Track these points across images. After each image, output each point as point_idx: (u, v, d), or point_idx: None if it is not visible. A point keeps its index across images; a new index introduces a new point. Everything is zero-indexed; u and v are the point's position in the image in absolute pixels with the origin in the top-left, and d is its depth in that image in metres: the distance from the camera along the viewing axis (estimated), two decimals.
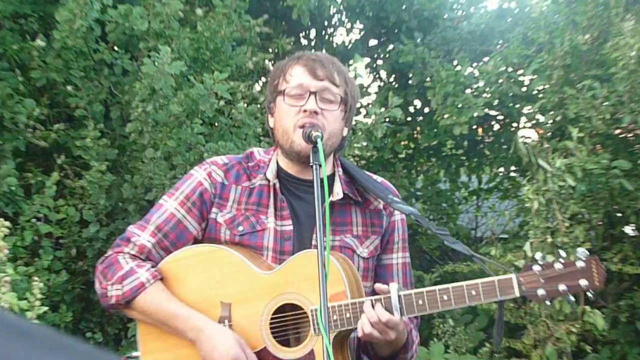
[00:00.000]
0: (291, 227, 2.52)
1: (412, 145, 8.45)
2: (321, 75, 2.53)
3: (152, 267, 2.51)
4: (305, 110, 2.48)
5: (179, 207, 2.57)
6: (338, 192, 2.59)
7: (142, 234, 2.55)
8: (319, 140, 2.36)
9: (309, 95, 2.50)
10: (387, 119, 5.71)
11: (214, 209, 2.56)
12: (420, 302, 2.31)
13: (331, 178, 2.61)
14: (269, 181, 2.57)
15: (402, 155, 8.29)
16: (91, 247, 5.53)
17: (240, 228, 2.53)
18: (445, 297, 2.28)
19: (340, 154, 2.71)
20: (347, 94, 2.59)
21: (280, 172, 2.60)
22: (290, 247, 2.50)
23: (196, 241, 2.57)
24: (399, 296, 2.32)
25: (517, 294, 2.27)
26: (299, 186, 2.59)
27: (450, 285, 2.29)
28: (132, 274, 2.47)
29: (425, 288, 2.31)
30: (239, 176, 2.61)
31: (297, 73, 2.54)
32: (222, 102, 5.51)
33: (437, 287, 2.29)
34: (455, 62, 7.34)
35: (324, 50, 8.19)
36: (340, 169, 2.67)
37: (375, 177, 2.74)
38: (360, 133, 5.73)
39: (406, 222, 2.73)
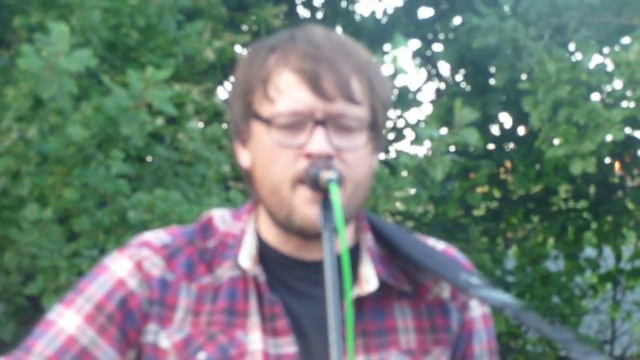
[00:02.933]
0: (294, 349, 2.49)
1: (498, 194, 8.46)
2: (329, 89, 2.49)
3: None
4: (309, 155, 2.46)
5: (85, 326, 2.54)
6: (369, 279, 2.56)
7: None
8: (332, 186, 2.34)
9: (315, 127, 2.48)
10: (453, 148, 5.70)
11: (150, 326, 2.53)
12: None
13: (353, 253, 2.57)
14: (244, 272, 2.55)
15: (481, 212, 8.29)
16: None
17: (202, 356, 2.50)
18: None
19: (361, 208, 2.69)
20: (374, 109, 2.56)
21: (264, 253, 2.58)
22: None
23: None
24: None
25: None
26: (300, 274, 2.56)
27: None
28: None
29: None
30: (192, 266, 2.58)
31: (288, 85, 2.50)
32: (160, 121, 5.50)
33: None
34: (571, 47, 7.36)
35: (338, 29, 8.23)
36: (368, 235, 2.65)
37: (432, 241, 2.72)
38: (405, 172, 5.73)
39: (492, 320, 2.71)
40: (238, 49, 6.48)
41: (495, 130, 8.18)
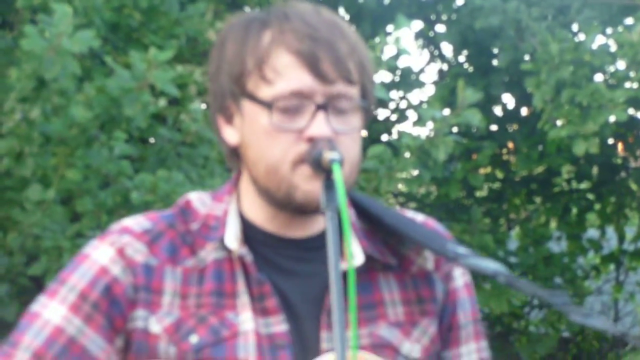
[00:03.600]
0: (285, 327, 2.50)
1: (501, 175, 8.46)
2: (330, 72, 2.48)
3: None
4: (311, 139, 2.46)
5: (70, 315, 2.54)
6: (355, 253, 2.57)
7: None
8: (336, 166, 2.35)
9: (316, 111, 2.48)
10: (455, 129, 5.71)
11: (139, 312, 2.53)
12: None
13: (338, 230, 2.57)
14: (230, 252, 2.56)
15: (483, 193, 8.30)
16: None
17: (194, 339, 2.50)
18: None
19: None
20: (365, 89, 2.58)
21: (249, 233, 2.59)
22: (288, 358, 2.49)
23: None
24: None
25: None
26: (286, 252, 2.57)
27: None
28: None
29: None
30: (175, 249, 2.58)
31: (286, 66, 2.49)
32: (163, 102, 5.52)
33: None
34: (574, 28, 7.36)
35: (341, 11, 8.24)
36: (352, 211, 2.66)
37: (410, 214, 2.73)
38: (407, 154, 5.74)
39: (474, 289, 2.73)
40: None
41: (498, 111, 8.19)
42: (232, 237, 2.52)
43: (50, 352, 2.50)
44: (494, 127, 8.00)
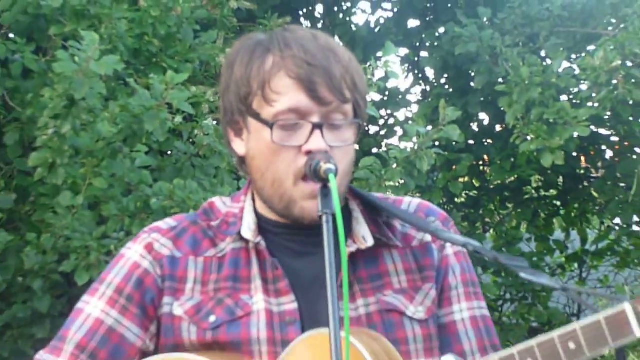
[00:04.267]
0: (295, 305, 2.51)
1: (477, 184, 8.46)
2: (326, 95, 2.50)
3: None
4: (309, 152, 2.48)
5: (108, 308, 2.56)
6: (365, 236, 2.60)
7: None
8: (331, 176, 2.36)
9: (312, 130, 2.50)
10: (437, 143, 5.72)
11: (165, 299, 2.56)
12: None
13: (346, 217, 2.58)
14: (247, 242, 2.57)
15: (462, 200, 8.30)
16: None
17: (212, 318, 2.52)
18: None
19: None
20: (358, 105, 2.60)
21: (263, 224, 2.61)
22: (296, 333, 2.49)
23: (144, 355, 2.56)
24: None
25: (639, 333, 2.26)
26: (297, 237, 2.59)
27: (534, 342, 2.28)
28: None
29: (498, 354, 2.34)
30: (197, 242, 2.61)
31: (286, 88, 2.51)
32: (179, 119, 5.52)
33: (514, 350, 2.30)
34: (543, 54, 7.36)
35: (337, 38, 8.24)
36: (357, 201, 2.69)
37: (404, 204, 2.76)
38: (394, 164, 5.73)
39: (466, 257, 2.76)
40: None
41: (474, 127, 8.19)
42: (247, 229, 2.56)
43: (92, 343, 2.53)
44: (471, 142, 8.00)
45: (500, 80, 6.94)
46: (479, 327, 2.71)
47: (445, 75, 8.12)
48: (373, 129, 8.36)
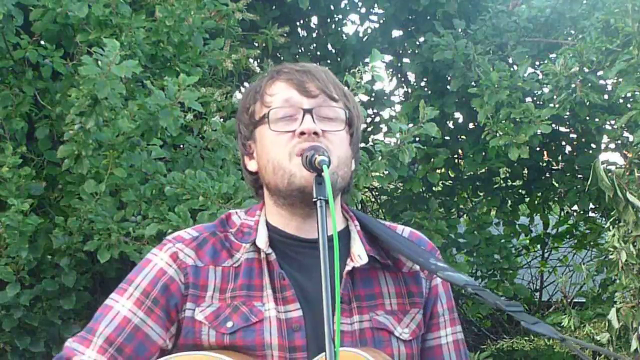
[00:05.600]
0: (300, 313, 2.51)
1: (452, 175, 8.45)
2: (313, 89, 2.55)
3: None
4: (302, 133, 2.49)
5: (135, 309, 2.55)
6: (360, 255, 2.59)
7: (86, 351, 2.53)
8: (324, 166, 2.36)
9: (303, 115, 2.51)
10: (417, 138, 5.70)
11: (188, 304, 2.55)
12: None
13: (345, 235, 2.61)
14: (259, 251, 2.56)
15: (439, 188, 8.29)
16: (9, 317, 5.50)
17: (230, 324, 2.51)
18: None
19: (347, 197, 2.72)
20: (350, 111, 2.61)
21: (273, 235, 2.60)
22: (302, 340, 2.48)
23: (163, 353, 2.55)
24: None
25: None
26: (303, 250, 2.58)
27: None
28: None
29: None
30: (217, 253, 2.60)
31: (279, 90, 2.56)
32: (190, 116, 5.50)
33: None
34: (510, 60, 7.36)
35: (329, 46, 8.24)
36: (356, 223, 2.67)
37: (399, 229, 2.75)
38: (380, 157, 5.73)
39: (450, 287, 2.74)
40: (251, 62, 6.47)
41: (450, 124, 8.17)
42: (261, 240, 2.55)
43: (119, 338, 2.53)
44: (447, 137, 7.99)
45: (473, 83, 6.94)
46: (459, 349, 2.74)
47: (425, 79, 8.10)
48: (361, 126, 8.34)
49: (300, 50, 8.23)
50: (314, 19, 8.34)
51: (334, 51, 8.25)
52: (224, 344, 2.49)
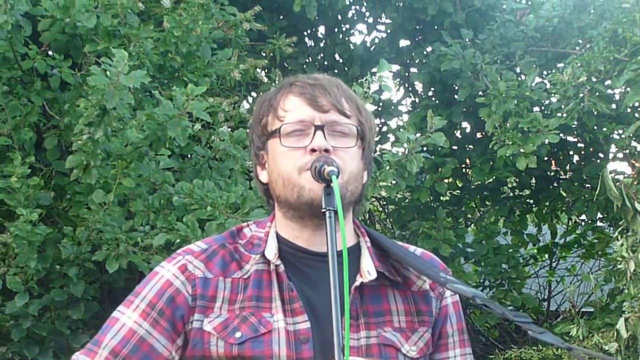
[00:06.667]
0: (308, 325, 2.51)
1: (460, 184, 8.45)
2: (325, 104, 2.55)
3: None
4: (313, 150, 2.50)
5: (141, 320, 2.55)
6: (369, 270, 2.59)
7: None
8: (333, 177, 2.37)
9: (315, 131, 2.52)
10: (425, 148, 5.70)
11: (196, 316, 2.54)
12: None
13: (355, 250, 2.61)
14: (268, 263, 2.57)
15: (446, 198, 8.28)
16: (17, 327, 5.51)
17: (238, 334, 2.51)
18: None
19: (357, 211, 2.72)
20: (362, 125, 2.61)
21: (283, 247, 2.60)
22: (309, 352, 2.48)
23: None
24: None
25: None
26: (313, 263, 2.58)
27: None
28: None
29: None
30: (226, 265, 2.60)
31: (292, 104, 2.56)
32: (198, 126, 5.51)
33: None
34: (518, 70, 7.36)
35: (336, 56, 8.25)
36: (366, 239, 2.67)
37: (412, 248, 2.75)
38: (387, 167, 5.73)
39: (460, 305, 2.74)
40: (258, 72, 6.48)
41: (458, 134, 8.17)
42: (270, 252, 2.55)
43: (125, 350, 2.53)
44: (455, 147, 7.98)
45: (481, 93, 6.95)
46: None
47: (432, 89, 8.11)
48: None
49: (307, 60, 8.24)
50: (322, 29, 8.35)
51: (341, 61, 8.26)
52: (232, 355, 2.49)
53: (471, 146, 8.10)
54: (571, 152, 8.02)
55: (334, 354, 2.31)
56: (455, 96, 7.42)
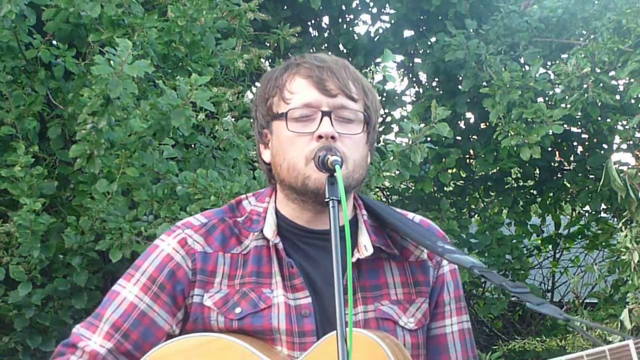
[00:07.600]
0: (309, 300, 2.52)
1: (464, 175, 8.44)
2: (333, 88, 2.55)
3: None
4: (320, 137, 2.49)
5: (142, 294, 2.57)
6: (366, 245, 2.60)
7: (93, 337, 2.56)
8: (337, 167, 2.37)
9: (322, 117, 2.51)
10: (429, 138, 5.69)
11: (196, 290, 2.56)
12: None
13: (353, 225, 2.61)
14: (267, 240, 2.57)
15: (450, 189, 8.28)
16: (20, 317, 5.51)
17: (238, 310, 2.53)
18: None
19: (359, 189, 2.71)
20: (368, 109, 2.60)
21: (282, 225, 2.60)
22: (311, 325, 2.50)
23: (169, 338, 2.56)
24: None
25: None
26: (312, 241, 2.59)
27: None
28: None
29: None
30: (226, 239, 2.61)
31: (299, 87, 2.55)
32: (202, 116, 5.51)
33: None
34: (522, 61, 7.34)
35: (340, 46, 8.23)
36: (364, 212, 2.67)
37: (410, 215, 2.74)
38: (391, 157, 5.73)
39: (459, 275, 2.73)
40: (262, 62, 6.48)
41: (462, 125, 8.17)
42: (269, 229, 2.56)
43: (126, 324, 2.54)
44: (459, 137, 7.98)
45: (485, 83, 6.94)
46: (464, 339, 2.74)
47: (436, 79, 8.10)
48: None
49: (312, 50, 8.21)
50: (326, 19, 8.34)
51: (345, 51, 8.25)
52: (233, 329, 2.52)
53: (475, 137, 8.10)
54: (575, 143, 8.01)
55: (333, 328, 2.32)
56: (459, 86, 7.41)
